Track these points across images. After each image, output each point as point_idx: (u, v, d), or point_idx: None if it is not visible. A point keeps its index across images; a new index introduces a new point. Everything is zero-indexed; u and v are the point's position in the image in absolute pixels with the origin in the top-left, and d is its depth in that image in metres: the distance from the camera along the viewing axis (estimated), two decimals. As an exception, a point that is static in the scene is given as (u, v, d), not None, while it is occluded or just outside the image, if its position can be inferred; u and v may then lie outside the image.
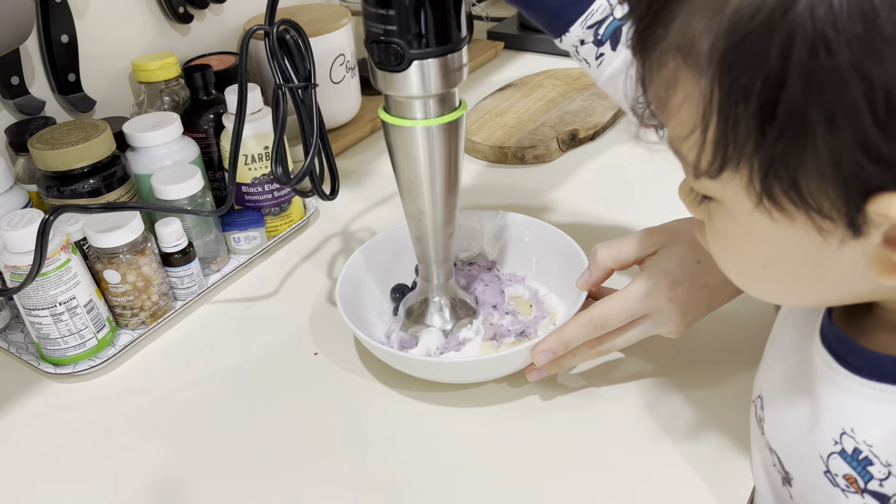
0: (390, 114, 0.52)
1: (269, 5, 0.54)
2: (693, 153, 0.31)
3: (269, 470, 0.54)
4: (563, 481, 0.52)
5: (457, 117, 0.52)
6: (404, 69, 0.48)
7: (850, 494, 0.35)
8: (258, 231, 0.76)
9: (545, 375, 0.56)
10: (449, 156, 0.53)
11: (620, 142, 0.94)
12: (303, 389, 0.61)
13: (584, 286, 0.57)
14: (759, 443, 0.44)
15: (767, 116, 0.27)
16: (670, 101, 0.31)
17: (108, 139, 0.67)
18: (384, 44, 0.48)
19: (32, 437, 0.59)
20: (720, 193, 0.32)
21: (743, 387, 0.57)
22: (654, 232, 0.55)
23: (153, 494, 0.53)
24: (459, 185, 0.56)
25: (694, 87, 0.29)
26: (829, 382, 0.36)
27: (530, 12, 0.55)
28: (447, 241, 0.58)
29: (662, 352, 0.60)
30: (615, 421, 0.56)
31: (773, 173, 0.28)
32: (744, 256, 0.34)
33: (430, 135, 0.52)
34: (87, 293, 0.62)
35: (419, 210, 0.56)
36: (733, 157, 0.29)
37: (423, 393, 0.59)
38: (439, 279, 0.60)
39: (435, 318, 0.61)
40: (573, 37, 0.54)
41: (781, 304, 0.42)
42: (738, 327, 0.62)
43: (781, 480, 0.41)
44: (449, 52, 0.49)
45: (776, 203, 0.29)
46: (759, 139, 0.28)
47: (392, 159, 0.55)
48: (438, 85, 0.50)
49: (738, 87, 0.27)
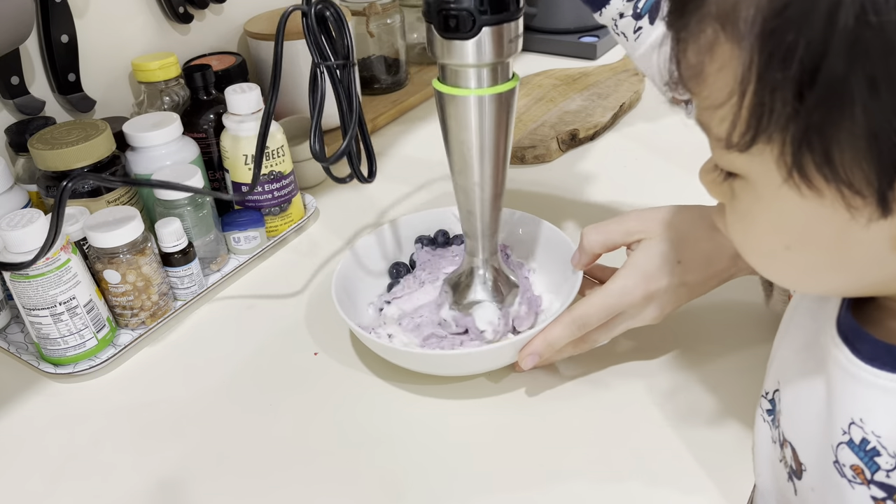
0: (446, 84, 0.53)
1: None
2: (725, 125, 0.31)
3: (270, 469, 0.54)
4: (563, 473, 0.52)
5: (511, 87, 0.53)
6: (474, 35, 0.49)
7: (856, 485, 0.35)
8: (258, 231, 0.76)
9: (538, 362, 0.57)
10: (501, 126, 0.53)
11: (620, 142, 0.94)
12: (303, 388, 0.61)
13: (578, 266, 0.59)
14: (765, 438, 0.44)
15: (807, 83, 0.27)
16: (706, 68, 0.31)
17: (108, 139, 0.67)
18: (454, 10, 0.48)
19: (32, 436, 0.59)
20: (747, 168, 0.32)
21: (744, 381, 0.57)
22: (642, 218, 0.56)
23: (153, 494, 0.53)
24: (509, 159, 0.56)
25: (732, 54, 0.29)
26: (842, 372, 0.36)
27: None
28: (496, 214, 0.58)
29: (662, 344, 0.61)
30: (616, 414, 0.56)
31: (806, 144, 0.28)
32: (766, 237, 0.34)
33: (484, 104, 0.52)
34: (87, 293, 0.62)
35: (472, 182, 0.56)
36: (767, 127, 0.29)
37: (421, 387, 0.59)
38: (485, 253, 0.60)
39: (480, 292, 0.61)
40: (613, 10, 0.55)
41: (798, 289, 0.42)
42: (739, 320, 0.62)
43: (788, 475, 0.41)
44: (510, 19, 0.50)
45: (806, 177, 0.29)
46: (796, 107, 0.27)
47: (444, 131, 0.55)
48: (497, 53, 0.50)
49: (780, 53, 0.27)
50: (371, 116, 1.00)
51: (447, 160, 0.56)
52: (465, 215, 0.58)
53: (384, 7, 1.02)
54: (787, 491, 0.42)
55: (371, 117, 1.00)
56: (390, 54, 1.07)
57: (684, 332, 0.61)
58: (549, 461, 0.53)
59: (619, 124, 0.98)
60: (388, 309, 0.66)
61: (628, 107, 1.00)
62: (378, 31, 1.03)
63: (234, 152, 0.74)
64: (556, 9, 1.18)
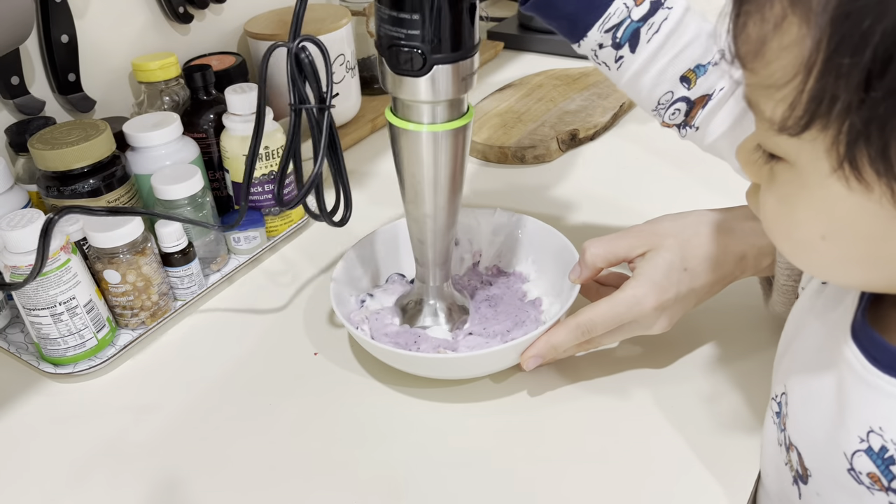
0: (398, 116, 0.52)
1: (293, 21, 0.51)
2: (781, 107, 0.30)
3: (270, 469, 0.54)
4: (563, 475, 0.52)
5: (465, 123, 0.52)
6: (425, 73, 0.48)
7: (875, 492, 0.35)
8: (258, 231, 0.76)
9: (540, 363, 0.57)
10: (455, 161, 0.53)
11: (620, 142, 0.94)
12: (302, 389, 0.61)
13: (577, 280, 0.58)
14: (772, 441, 0.44)
15: (878, 73, 0.26)
16: (768, 45, 0.30)
17: (108, 139, 0.67)
18: (405, 48, 0.47)
19: (32, 436, 0.59)
20: (795, 154, 0.31)
21: (747, 378, 0.57)
22: (644, 232, 0.56)
23: (153, 494, 0.53)
24: (462, 190, 0.56)
25: (800, 34, 0.28)
26: (858, 380, 0.35)
27: (547, 20, 0.55)
28: (448, 244, 0.58)
29: (665, 347, 0.61)
30: (616, 415, 0.56)
31: (864, 137, 0.27)
32: (804, 225, 0.33)
33: (438, 140, 0.51)
34: (87, 293, 0.62)
35: (422, 213, 0.56)
36: (825, 113, 0.28)
37: (420, 390, 0.59)
38: (436, 281, 0.60)
39: (428, 321, 0.62)
40: (591, 41, 0.54)
41: (825, 279, 0.41)
42: (740, 321, 0.62)
43: (792, 479, 0.41)
44: (464, 57, 0.49)
45: (857, 170, 0.28)
46: (861, 96, 0.27)
47: (396, 161, 0.54)
48: (451, 90, 0.49)
49: (853, 38, 0.26)
50: (371, 117, 1.00)
51: (399, 189, 0.56)
52: (416, 244, 0.58)
53: (384, 7, 1.02)
54: (792, 494, 0.41)
55: (371, 117, 1.00)
56: (390, 54, 1.06)
57: (688, 335, 0.61)
58: (550, 464, 0.53)
59: (618, 124, 0.98)
60: (370, 302, 0.66)
61: (628, 107, 1.00)
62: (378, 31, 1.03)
63: (234, 152, 0.74)
64: (556, 9, 1.18)
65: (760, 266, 0.55)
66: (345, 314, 0.60)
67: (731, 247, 0.54)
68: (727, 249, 0.54)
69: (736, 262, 0.54)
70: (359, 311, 0.65)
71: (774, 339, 0.46)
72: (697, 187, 0.79)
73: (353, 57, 0.95)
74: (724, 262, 0.54)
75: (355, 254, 0.67)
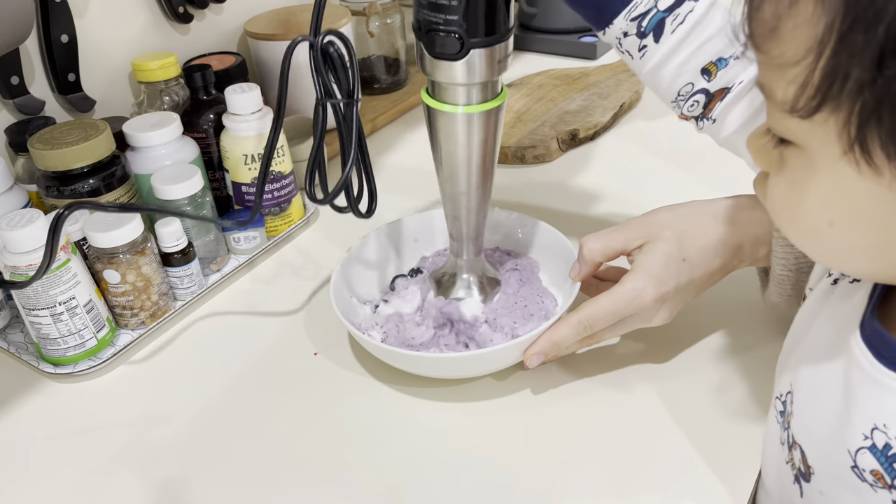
0: (435, 98, 0.53)
1: (314, 16, 0.54)
2: (793, 87, 0.30)
3: (269, 470, 0.54)
4: (563, 474, 0.52)
5: (499, 104, 0.53)
6: (462, 57, 0.49)
7: (878, 490, 0.35)
8: (258, 231, 0.76)
9: (544, 360, 0.57)
10: (488, 140, 0.54)
11: (620, 142, 0.94)
12: (302, 389, 0.61)
13: (577, 278, 0.59)
14: (774, 439, 0.44)
15: (890, 51, 0.26)
16: (783, 24, 0.30)
17: (108, 139, 0.67)
18: (443, 33, 0.48)
19: (32, 436, 0.59)
20: (806, 137, 0.31)
21: (748, 374, 0.57)
22: (640, 225, 0.56)
23: (153, 494, 0.53)
24: (495, 168, 0.57)
25: (814, 11, 0.28)
26: (864, 377, 0.35)
27: (575, 6, 0.56)
28: (482, 220, 0.59)
29: (663, 340, 0.61)
30: (616, 413, 0.56)
31: (875, 117, 0.27)
32: (812, 211, 0.33)
33: (472, 120, 0.53)
34: (87, 293, 0.62)
35: (458, 191, 0.57)
36: (837, 93, 0.28)
37: (422, 389, 0.59)
38: (469, 255, 0.61)
39: (461, 293, 0.63)
40: (617, 29, 0.55)
41: (832, 267, 0.41)
42: (740, 316, 0.62)
43: (794, 478, 0.41)
44: (499, 41, 0.50)
45: (867, 153, 0.28)
46: (873, 75, 0.27)
47: (433, 142, 0.56)
48: (486, 73, 0.51)
49: (866, 16, 0.26)
50: (371, 116, 1.00)
51: (434, 168, 0.57)
52: (450, 220, 0.60)
53: (384, 7, 1.02)
54: (793, 493, 0.41)
55: (371, 117, 1.00)
56: (390, 54, 1.07)
57: (689, 330, 0.61)
58: (552, 463, 0.53)
59: (619, 124, 0.98)
60: (384, 307, 0.66)
61: (628, 107, 1.00)
62: (378, 30, 1.03)
63: (234, 152, 0.74)
64: (556, 9, 1.18)
65: (757, 255, 0.55)
66: (344, 313, 0.60)
67: (728, 236, 0.54)
68: (725, 239, 0.54)
69: (734, 251, 0.54)
70: (372, 315, 0.65)
71: (776, 333, 0.46)
72: (698, 187, 0.79)
73: (358, 94, 0.95)
74: (723, 251, 0.54)
75: (356, 253, 0.67)
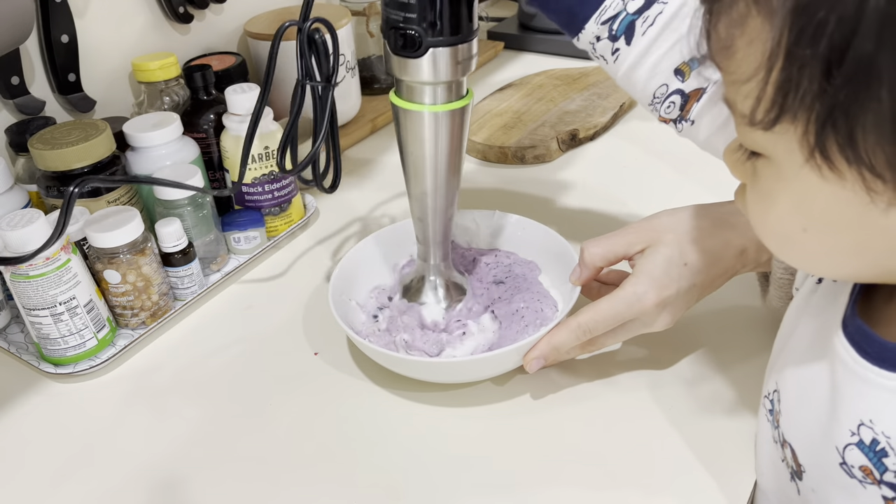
0: (401, 98, 0.55)
1: (304, 2, 0.56)
2: (749, 101, 0.31)
3: (269, 470, 0.54)
4: (561, 477, 0.52)
5: (464, 105, 0.54)
6: (420, 55, 0.51)
7: (867, 485, 0.35)
8: (258, 231, 0.76)
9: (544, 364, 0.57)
10: (453, 141, 0.55)
11: (620, 142, 0.94)
12: (301, 390, 0.61)
13: (577, 282, 0.58)
14: (767, 438, 0.44)
15: (836, 61, 0.27)
16: (736, 42, 0.31)
17: (108, 139, 0.67)
18: (403, 30, 0.50)
19: (32, 436, 0.59)
20: (771, 147, 0.32)
21: (746, 379, 0.57)
22: (642, 229, 0.56)
23: (153, 494, 0.53)
24: (462, 170, 0.58)
25: (763, 29, 0.29)
26: (849, 374, 0.35)
27: (547, 13, 0.57)
28: (447, 223, 0.60)
29: (663, 344, 0.61)
30: (614, 416, 0.56)
31: (831, 124, 0.28)
32: (785, 218, 0.34)
33: (438, 120, 0.54)
34: (87, 293, 0.62)
35: (422, 191, 0.58)
36: (793, 105, 0.29)
37: (419, 393, 0.59)
38: (436, 259, 0.62)
39: (429, 297, 0.63)
40: (589, 34, 0.55)
41: (814, 273, 0.42)
42: (739, 322, 0.62)
43: (790, 476, 0.41)
44: (461, 41, 0.52)
45: (828, 158, 0.29)
46: (823, 85, 0.27)
47: (399, 142, 0.57)
48: (449, 73, 0.52)
49: (810, 29, 0.27)
50: (371, 116, 1.00)
51: (402, 171, 0.58)
52: (416, 222, 0.61)
53: (384, 7, 1.02)
54: (790, 491, 0.41)
55: (371, 117, 1.00)
56: (390, 54, 1.06)
57: (689, 336, 0.61)
58: (551, 465, 0.53)
59: (619, 124, 0.98)
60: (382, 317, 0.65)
61: (628, 107, 1.00)
62: (378, 31, 1.03)
63: (234, 152, 0.74)
64: (556, 9, 1.18)
65: (761, 260, 0.55)
66: (342, 316, 0.60)
67: (731, 241, 0.54)
68: (728, 243, 0.54)
69: (737, 255, 0.54)
70: (371, 324, 0.65)
71: (774, 339, 0.46)
72: (698, 188, 0.79)
73: (354, 57, 0.95)
74: (725, 256, 0.54)
75: (355, 255, 0.67)
